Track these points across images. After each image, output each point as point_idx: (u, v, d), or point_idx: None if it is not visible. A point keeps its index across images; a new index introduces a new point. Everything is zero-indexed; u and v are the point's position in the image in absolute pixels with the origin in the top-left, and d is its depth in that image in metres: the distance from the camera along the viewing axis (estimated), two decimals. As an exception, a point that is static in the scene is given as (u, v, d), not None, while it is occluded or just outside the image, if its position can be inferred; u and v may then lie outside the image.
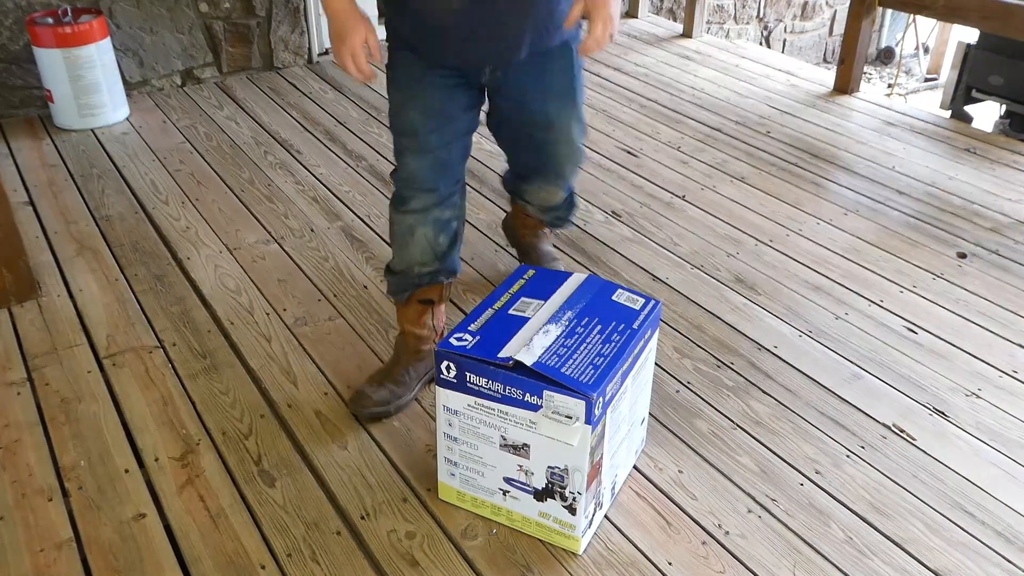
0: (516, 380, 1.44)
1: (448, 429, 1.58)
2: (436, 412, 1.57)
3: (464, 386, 1.50)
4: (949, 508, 1.69)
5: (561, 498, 1.52)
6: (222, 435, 1.85)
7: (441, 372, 1.51)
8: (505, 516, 1.61)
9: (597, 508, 1.59)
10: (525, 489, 1.55)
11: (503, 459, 1.54)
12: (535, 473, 1.52)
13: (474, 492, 1.62)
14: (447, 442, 1.59)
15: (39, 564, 1.55)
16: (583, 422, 1.42)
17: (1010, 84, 4.14)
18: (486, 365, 1.46)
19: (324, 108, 3.60)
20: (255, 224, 2.70)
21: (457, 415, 1.54)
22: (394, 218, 1.86)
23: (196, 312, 2.27)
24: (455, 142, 1.81)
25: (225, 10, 3.76)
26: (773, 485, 1.74)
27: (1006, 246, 2.62)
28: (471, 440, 1.56)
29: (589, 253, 2.56)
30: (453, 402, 1.53)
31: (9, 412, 1.91)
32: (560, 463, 1.48)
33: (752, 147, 3.28)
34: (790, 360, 2.10)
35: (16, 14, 3.32)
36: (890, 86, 6.40)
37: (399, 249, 1.88)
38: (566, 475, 1.49)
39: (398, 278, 1.90)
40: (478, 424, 1.53)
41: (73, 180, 2.96)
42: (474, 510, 1.64)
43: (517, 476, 1.55)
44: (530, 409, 1.45)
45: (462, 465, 1.60)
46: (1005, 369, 2.08)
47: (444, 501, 1.66)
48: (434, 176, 1.79)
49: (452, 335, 1.52)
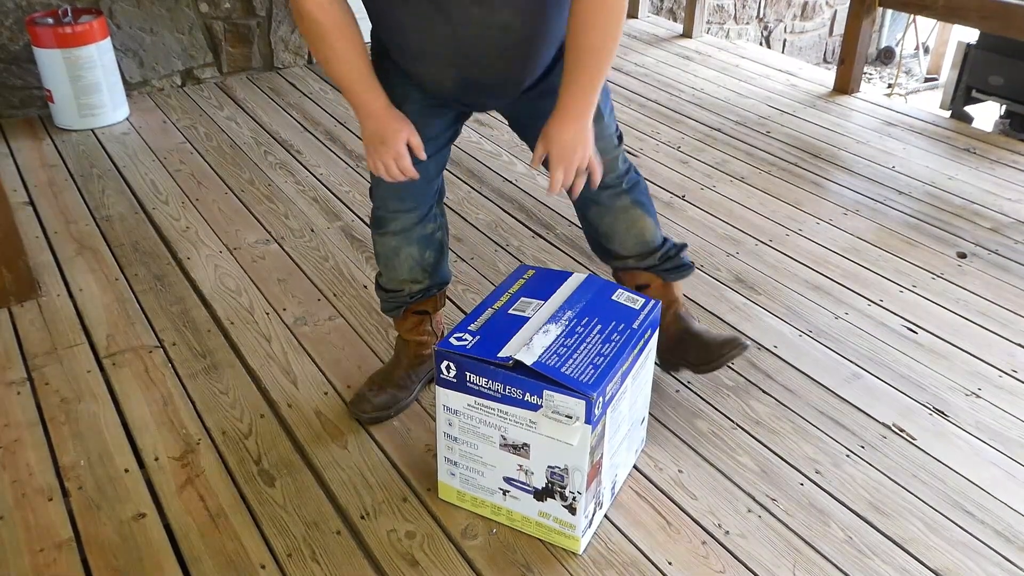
0: (516, 380, 1.44)
1: (448, 429, 1.57)
2: (436, 412, 1.57)
3: (464, 386, 1.50)
4: (949, 507, 1.69)
5: (561, 498, 1.51)
6: (222, 435, 1.85)
7: (441, 372, 1.51)
8: (505, 516, 1.61)
9: (597, 508, 1.59)
10: (525, 489, 1.55)
11: (503, 459, 1.54)
12: (535, 473, 1.52)
13: (474, 492, 1.62)
14: (447, 442, 1.59)
15: (39, 564, 1.55)
16: (583, 422, 1.41)
17: (1010, 84, 4.14)
18: (486, 365, 1.45)
19: (324, 108, 3.60)
20: (255, 224, 2.70)
21: (457, 415, 1.54)
22: (376, 239, 1.79)
23: (196, 312, 2.27)
24: (433, 157, 1.68)
25: (225, 10, 3.77)
26: (773, 485, 1.74)
27: (1006, 246, 2.62)
28: (471, 440, 1.56)
29: (589, 253, 2.56)
30: (453, 402, 1.53)
31: (9, 412, 1.91)
32: (560, 463, 1.48)
33: (752, 147, 3.28)
34: (790, 360, 2.10)
35: (16, 14, 3.32)
36: (890, 86, 6.39)
37: (387, 270, 1.82)
38: (566, 475, 1.48)
39: (390, 295, 1.86)
40: (478, 424, 1.53)
41: (73, 180, 2.97)
42: (474, 510, 1.64)
43: (517, 476, 1.54)
44: (530, 409, 1.45)
45: (462, 465, 1.60)
46: (1005, 368, 2.08)
47: (444, 500, 1.66)
48: (412, 195, 1.71)
49: (452, 335, 1.51)
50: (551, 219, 2.75)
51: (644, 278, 1.88)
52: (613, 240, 1.83)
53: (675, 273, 1.90)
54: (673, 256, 1.88)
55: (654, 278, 1.88)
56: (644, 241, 1.83)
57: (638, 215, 1.80)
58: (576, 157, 1.55)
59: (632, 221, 1.80)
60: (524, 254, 2.55)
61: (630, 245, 1.82)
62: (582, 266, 2.49)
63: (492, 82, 1.58)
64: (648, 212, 1.82)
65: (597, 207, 1.79)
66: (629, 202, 1.78)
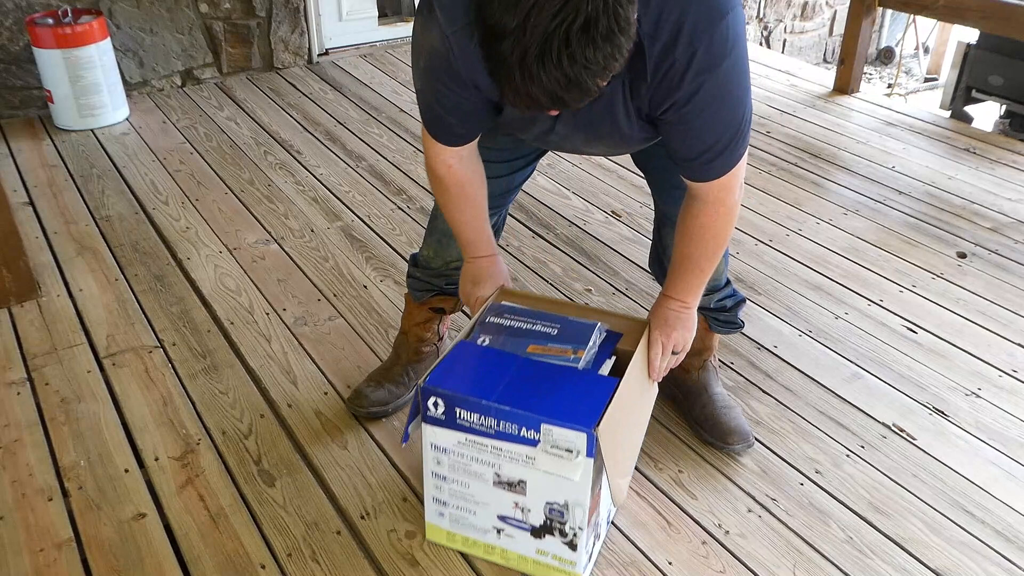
0: (511, 415, 1.36)
1: (436, 468, 1.48)
2: (423, 450, 1.47)
3: (454, 423, 1.41)
4: (949, 507, 1.69)
5: (560, 534, 1.44)
6: (222, 435, 1.85)
7: (428, 409, 1.41)
8: (499, 555, 1.53)
9: (596, 540, 1.53)
10: (521, 527, 1.47)
11: (497, 496, 1.45)
12: (532, 510, 1.44)
13: (465, 532, 1.53)
14: (435, 481, 1.49)
15: (39, 564, 1.55)
16: (585, 455, 1.34)
17: (1010, 84, 4.14)
18: (478, 401, 1.37)
19: (324, 108, 3.60)
20: (255, 224, 2.70)
21: (446, 453, 1.45)
22: (441, 217, 1.73)
23: (196, 312, 2.27)
24: (524, 170, 1.72)
25: (225, 11, 3.77)
26: (773, 485, 1.74)
27: (1006, 246, 2.62)
28: (462, 478, 1.46)
29: (589, 253, 2.56)
30: (442, 439, 1.44)
31: (9, 412, 1.91)
32: (559, 499, 1.41)
33: (752, 147, 3.27)
34: (790, 360, 2.10)
35: (16, 15, 3.32)
36: (890, 86, 6.39)
37: (439, 247, 1.79)
38: (566, 510, 1.41)
39: (424, 274, 1.84)
40: (469, 461, 1.44)
41: (73, 180, 2.97)
42: (465, 550, 1.56)
43: (512, 513, 1.46)
44: (527, 444, 1.37)
45: (452, 504, 1.51)
46: (1005, 368, 2.08)
47: (433, 543, 1.58)
48: (495, 198, 1.67)
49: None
50: (551, 219, 2.75)
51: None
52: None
53: (723, 326, 1.84)
54: (729, 309, 1.81)
55: (700, 318, 1.78)
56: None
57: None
58: (675, 336, 1.54)
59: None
60: (524, 254, 2.55)
61: None
62: (582, 266, 2.49)
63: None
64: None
65: (674, 228, 1.70)
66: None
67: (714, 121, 1.29)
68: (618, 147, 1.52)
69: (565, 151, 1.67)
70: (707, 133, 1.30)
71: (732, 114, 1.30)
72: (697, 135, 1.31)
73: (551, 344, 1.48)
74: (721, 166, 1.35)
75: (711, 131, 1.30)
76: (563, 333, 1.50)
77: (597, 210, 2.80)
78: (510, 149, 1.66)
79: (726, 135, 1.31)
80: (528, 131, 1.46)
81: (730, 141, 1.32)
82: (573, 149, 1.57)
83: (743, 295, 1.83)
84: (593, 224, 2.72)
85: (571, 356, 1.45)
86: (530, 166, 1.74)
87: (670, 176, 1.58)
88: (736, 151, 1.34)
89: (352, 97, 3.70)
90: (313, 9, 4.02)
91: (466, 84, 1.31)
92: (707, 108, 1.26)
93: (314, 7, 4.03)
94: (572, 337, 1.49)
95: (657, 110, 1.28)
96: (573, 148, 1.55)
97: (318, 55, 4.13)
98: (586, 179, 3.01)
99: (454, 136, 1.45)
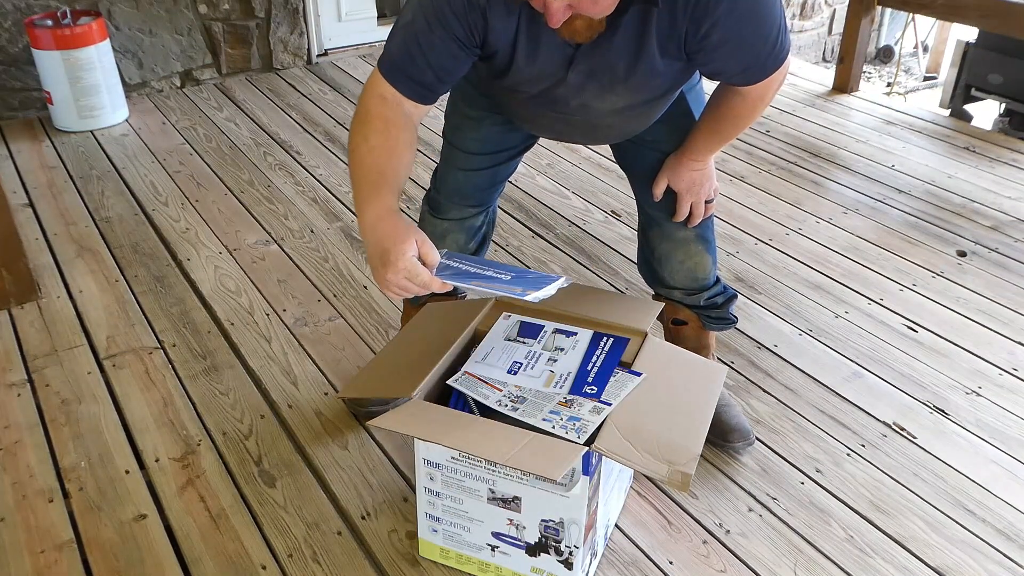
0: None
1: (429, 483, 1.45)
2: (415, 465, 1.45)
3: None
4: (949, 506, 1.69)
5: (556, 552, 1.42)
6: (222, 436, 1.85)
7: None
8: (494, 573, 1.50)
9: (592, 558, 1.50)
10: (516, 544, 1.44)
11: (491, 513, 1.43)
12: (527, 527, 1.41)
13: (459, 548, 1.50)
14: (428, 497, 1.47)
15: (40, 565, 1.55)
16: (581, 472, 1.32)
17: (1009, 82, 4.13)
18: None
19: (323, 109, 3.60)
20: (255, 225, 2.70)
21: (439, 468, 1.42)
22: (428, 218, 1.78)
23: (196, 313, 2.27)
24: (509, 163, 1.74)
25: (224, 11, 3.77)
26: (774, 484, 1.74)
27: (1006, 244, 2.62)
28: (455, 494, 1.44)
29: (589, 253, 2.56)
30: (435, 455, 1.41)
31: (9, 413, 1.91)
32: (555, 516, 1.38)
33: (751, 146, 3.28)
34: (790, 359, 2.10)
35: (15, 16, 3.32)
36: (889, 85, 6.39)
37: None
38: (561, 528, 1.39)
39: None
40: (463, 477, 1.41)
41: (73, 182, 2.97)
42: (459, 567, 1.53)
43: (507, 531, 1.43)
44: None
45: (445, 520, 1.48)
46: (1005, 367, 2.08)
47: (426, 559, 1.56)
48: (479, 197, 1.73)
49: None
50: (551, 219, 2.75)
51: (684, 314, 1.80)
52: (664, 267, 1.73)
53: (716, 323, 1.81)
54: (720, 305, 1.78)
55: (694, 318, 1.80)
56: (695, 277, 1.72)
57: (698, 250, 1.69)
58: (704, 191, 1.63)
59: (689, 254, 1.69)
60: (524, 254, 2.55)
61: (680, 277, 1.72)
62: (582, 266, 2.49)
63: (593, 144, 1.60)
64: (709, 250, 1.71)
65: (659, 229, 1.70)
66: (694, 235, 1.68)
67: (758, 25, 1.30)
68: (638, 91, 1.43)
69: (566, 123, 1.54)
70: (756, 38, 1.32)
71: (771, 11, 1.31)
72: (748, 45, 1.32)
73: (501, 285, 1.33)
74: (773, 63, 1.37)
75: (758, 35, 1.32)
76: (516, 279, 1.34)
77: (597, 210, 2.80)
78: (494, 141, 1.68)
79: (772, 33, 1.32)
80: (538, 83, 1.41)
81: (776, 37, 1.33)
82: (580, 108, 1.45)
83: (734, 290, 1.82)
84: (593, 224, 2.72)
85: (519, 292, 1.30)
86: (514, 160, 1.75)
87: (654, 175, 1.65)
88: (783, 46, 1.35)
89: (352, 98, 3.70)
90: (312, 9, 4.03)
91: (468, 33, 1.30)
92: (747, 15, 1.28)
93: (313, 7, 4.03)
94: (526, 284, 1.33)
95: (697, 34, 1.28)
96: (581, 104, 1.44)
97: (317, 55, 4.13)
98: (586, 179, 3.01)
99: (413, 83, 1.35)
